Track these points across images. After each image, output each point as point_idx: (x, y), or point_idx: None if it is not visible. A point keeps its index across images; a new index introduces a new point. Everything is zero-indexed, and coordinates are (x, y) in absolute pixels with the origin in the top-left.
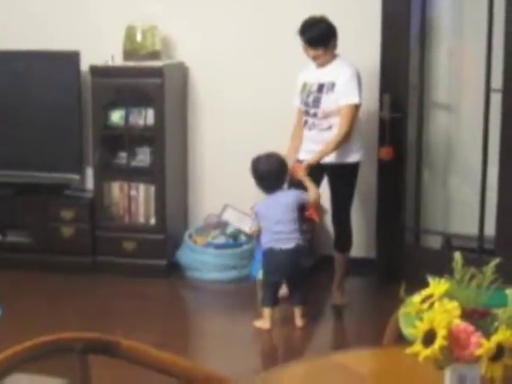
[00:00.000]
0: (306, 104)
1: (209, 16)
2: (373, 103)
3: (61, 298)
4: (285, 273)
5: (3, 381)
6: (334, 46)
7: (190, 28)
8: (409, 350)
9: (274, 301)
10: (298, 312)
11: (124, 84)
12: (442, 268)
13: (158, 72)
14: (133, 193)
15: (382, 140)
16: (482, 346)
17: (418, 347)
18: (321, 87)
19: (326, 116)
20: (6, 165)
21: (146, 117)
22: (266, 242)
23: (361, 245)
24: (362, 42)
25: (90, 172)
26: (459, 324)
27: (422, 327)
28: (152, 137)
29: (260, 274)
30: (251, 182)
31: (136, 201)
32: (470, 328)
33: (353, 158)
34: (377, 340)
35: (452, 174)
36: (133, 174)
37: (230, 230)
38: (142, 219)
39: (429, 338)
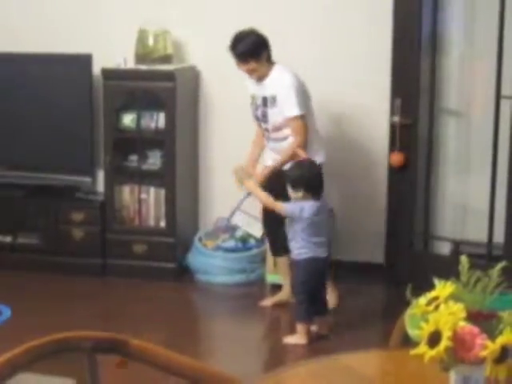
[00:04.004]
0: (257, 118)
1: (220, 20)
2: (384, 108)
3: (71, 299)
4: (323, 282)
5: (11, 380)
6: (269, 57)
7: (201, 32)
8: (414, 351)
9: (312, 314)
10: (325, 321)
11: (136, 87)
12: (451, 274)
13: (169, 76)
14: (143, 196)
15: (393, 145)
16: (486, 347)
17: (423, 348)
18: (265, 101)
19: (277, 129)
20: (17, 166)
21: (158, 120)
22: (307, 251)
23: (369, 250)
24: (372, 48)
25: (101, 175)
26: (464, 326)
27: (427, 328)
28: (163, 140)
29: (271, 278)
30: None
31: (146, 204)
32: (475, 330)
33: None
34: (384, 344)
35: (461, 180)
36: (143, 177)
37: (239, 233)
38: (152, 222)
39: (434, 339)
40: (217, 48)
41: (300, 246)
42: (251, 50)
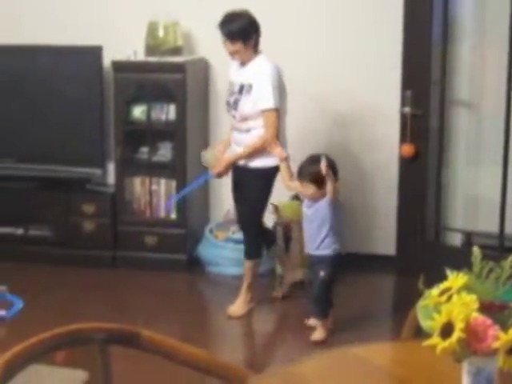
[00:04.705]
0: (228, 104)
1: None
2: (395, 100)
3: (82, 291)
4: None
5: (24, 371)
6: (256, 43)
7: (211, 24)
8: (427, 343)
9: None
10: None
11: (146, 79)
12: (462, 265)
13: (179, 67)
14: (154, 187)
15: (404, 137)
16: (499, 338)
17: (435, 339)
18: (241, 88)
19: (244, 119)
20: (28, 159)
21: (168, 112)
22: (339, 245)
23: (381, 241)
24: (383, 39)
25: (111, 167)
26: (477, 317)
27: (440, 320)
28: (173, 132)
29: (281, 271)
30: None
31: (157, 195)
32: (488, 321)
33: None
34: (396, 335)
35: (473, 171)
36: (154, 169)
37: None
38: (162, 214)
39: (447, 330)
40: None
41: (336, 240)
42: (241, 30)
